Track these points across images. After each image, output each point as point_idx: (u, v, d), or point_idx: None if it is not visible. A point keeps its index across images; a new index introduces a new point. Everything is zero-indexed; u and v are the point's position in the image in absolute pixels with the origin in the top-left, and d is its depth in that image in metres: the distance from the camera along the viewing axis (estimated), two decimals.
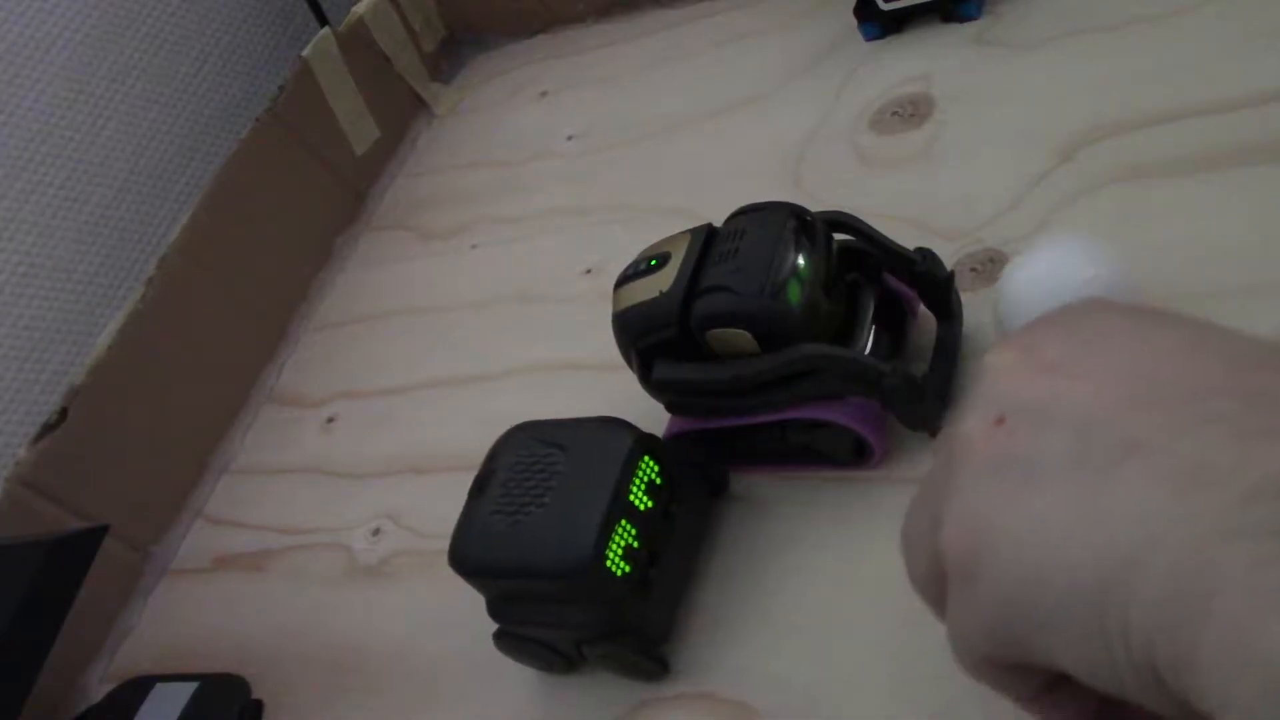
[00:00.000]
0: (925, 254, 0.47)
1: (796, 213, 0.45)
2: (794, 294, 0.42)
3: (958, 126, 0.58)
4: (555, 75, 0.83)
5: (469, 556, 0.44)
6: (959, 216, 0.53)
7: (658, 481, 0.43)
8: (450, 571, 0.45)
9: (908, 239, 0.54)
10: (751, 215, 0.45)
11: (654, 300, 0.45)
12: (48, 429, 0.61)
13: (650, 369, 0.46)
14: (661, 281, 0.45)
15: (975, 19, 0.63)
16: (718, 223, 0.47)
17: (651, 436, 0.44)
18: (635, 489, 0.42)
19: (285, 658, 0.55)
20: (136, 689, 0.55)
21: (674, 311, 0.44)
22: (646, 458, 0.43)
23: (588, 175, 0.72)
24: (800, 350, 0.42)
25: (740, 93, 0.70)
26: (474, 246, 0.73)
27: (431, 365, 0.67)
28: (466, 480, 0.58)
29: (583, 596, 0.41)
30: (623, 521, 0.41)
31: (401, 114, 0.87)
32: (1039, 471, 0.24)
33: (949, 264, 0.52)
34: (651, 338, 0.45)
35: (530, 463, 0.44)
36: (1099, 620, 0.23)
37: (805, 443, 0.47)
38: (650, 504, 0.42)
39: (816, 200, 0.59)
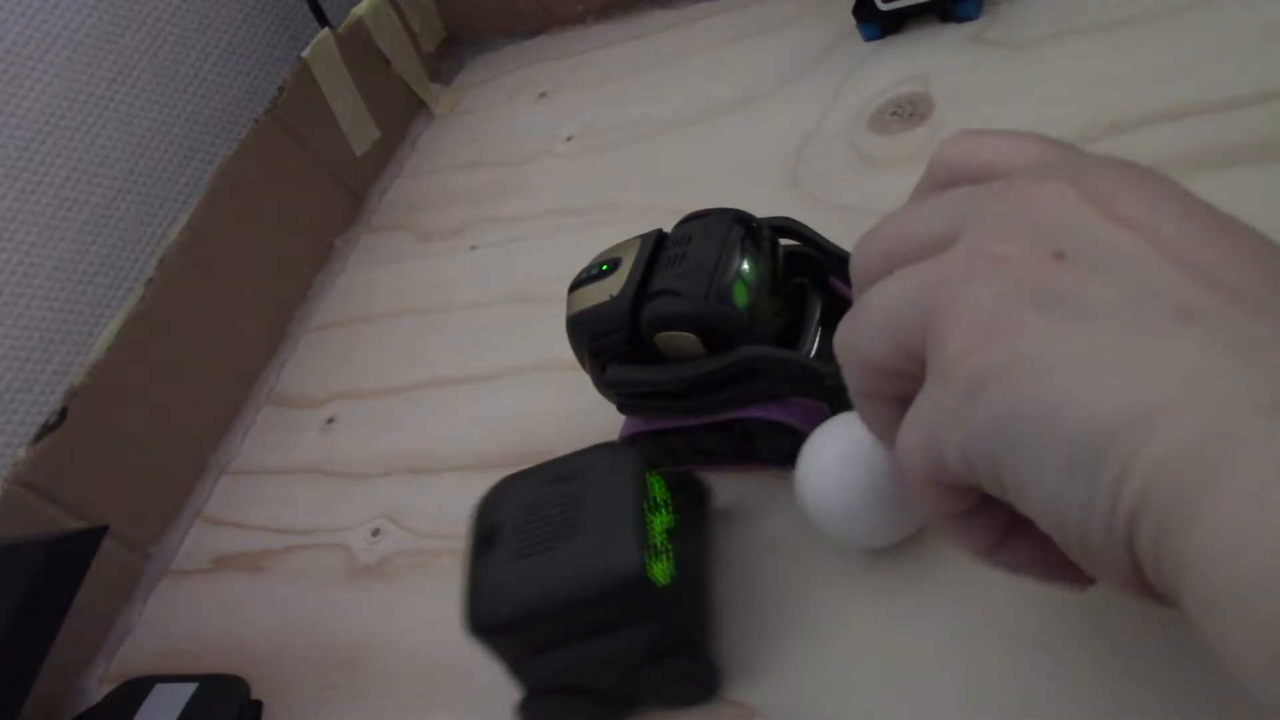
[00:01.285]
0: None
1: (742, 219, 0.46)
2: (739, 297, 0.43)
3: (956, 126, 0.58)
4: (554, 76, 0.83)
5: (495, 613, 0.41)
6: None
7: (666, 497, 0.43)
8: (451, 571, 0.45)
9: None
10: (698, 221, 0.47)
11: (605, 304, 0.46)
12: (47, 429, 0.61)
13: (603, 370, 0.47)
14: (612, 285, 0.46)
15: (974, 19, 0.63)
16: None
17: (649, 457, 0.44)
18: (653, 504, 0.42)
19: (285, 658, 0.55)
20: (136, 689, 0.55)
21: (624, 315, 0.45)
22: (653, 476, 0.43)
23: (587, 176, 0.72)
24: (743, 352, 0.44)
25: (739, 93, 0.70)
26: (473, 247, 0.73)
27: (431, 365, 0.67)
28: (466, 480, 0.59)
29: (635, 611, 0.40)
30: (651, 534, 0.41)
31: (401, 115, 0.87)
32: (1089, 312, 0.24)
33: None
34: (603, 340, 0.46)
35: (540, 504, 0.43)
36: (1094, 465, 0.22)
37: (753, 442, 0.48)
38: (668, 517, 0.42)
39: (816, 200, 0.60)
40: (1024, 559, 0.29)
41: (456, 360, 0.66)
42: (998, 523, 0.28)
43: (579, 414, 0.54)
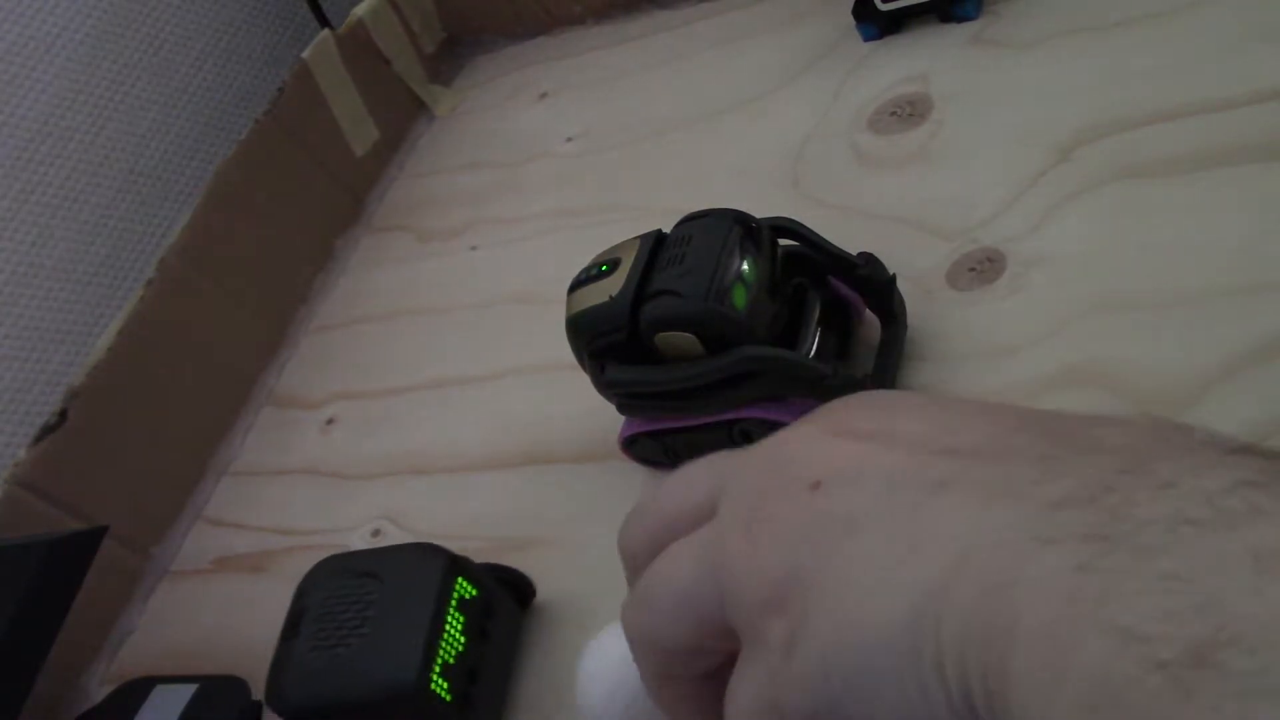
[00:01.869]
0: (868, 258, 0.48)
1: (742, 220, 0.46)
2: (739, 298, 0.44)
3: (956, 126, 0.58)
4: (554, 76, 0.83)
5: (288, 697, 0.43)
6: (957, 216, 0.53)
7: (471, 601, 0.44)
8: None
9: (905, 239, 0.54)
10: (698, 222, 0.47)
11: (604, 304, 0.46)
12: (47, 430, 0.61)
13: (603, 371, 0.47)
14: (611, 286, 0.46)
15: (973, 19, 0.63)
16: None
17: (463, 558, 0.45)
18: (452, 611, 0.43)
19: None
20: (136, 690, 0.55)
21: (624, 315, 0.45)
22: (460, 579, 0.44)
23: (587, 176, 0.72)
24: (743, 352, 0.44)
25: (739, 93, 0.70)
26: (474, 248, 0.73)
27: (431, 366, 0.67)
28: (467, 481, 0.59)
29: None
30: (443, 642, 0.42)
31: (401, 115, 0.87)
32: (854, 525, 0.24)
33: (947, 263, 0.52)
34: (602, 340, 0.47)
35: (343, 595, 0.44)
36: (915, 656, 0.21)
37: (752, 443, 0.47)
38: (465, 623, 0.43)
39: (816, 200, 0.60)
40: None
41: (457, 361, 0.66)
42: None
43: (579, 414, 0.54)
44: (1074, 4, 0.60)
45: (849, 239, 0.49)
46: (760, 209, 0.48)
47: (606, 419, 0.51)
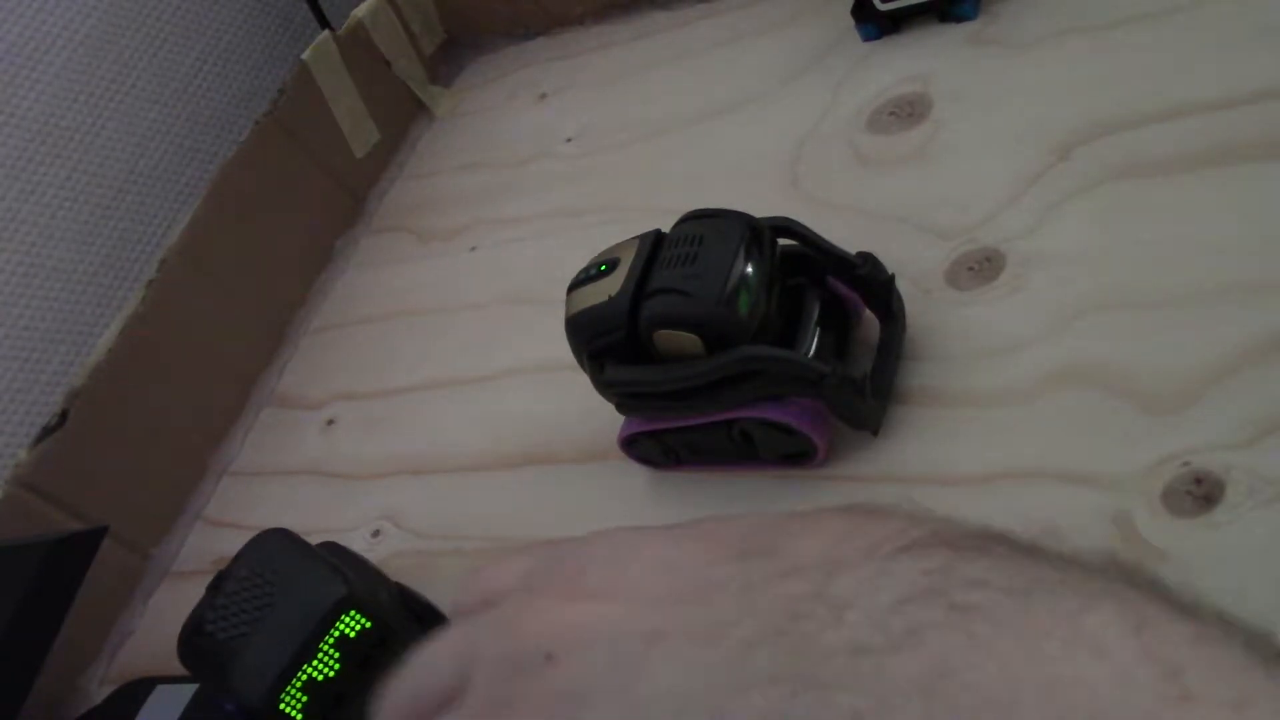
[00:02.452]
0: (866, 258, 0.48)
1: (750, 223, 0.46)
2: (744, 301, 0.44)
3: (954, 126, 0.58)
4: (554, 77, 0.83)
5: (186, 647, 0.47)
6: (956, 215, 0.54)
7: (358, 635, 0.44)
8: (449, 572, 0.45)
9: (904, 238, 0.54)
10: (707, 221, 0.47)
11: (604, 304, 0.46)
12: (47, 431, 0.61)
13: (602, 370, 0.47)
14: (610, 286, 0.46)
15: (972, 19, 0.63)
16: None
17: (366, 587, 0.46)
18: (327, 644, 0.44)
19: None
20: (136, 691, 0.55)
21: (623, 314, 0.45)
22: (352, 613, 0.44)
23: (586, 177, 0.72)
24: (742, 352, 0.44)
25: (738, 94, 0.70)
26: (473, 248, 0.73)
27: (431, 367, 0.67)
28: (467, 481, 0.59)
29: None
30: (311, 666, 0.43)
31: (401, 116, 0.87)
32: (586, 700, 0.24)
33: (946, 263, 0.52)
34: (601, 340, 0.47)
35: (259, 581, 0.46)
36: None
37: (751, 442, 0.48)
38: (341, 654, 0.44)
39: (815, 200, 0.60)
40: None
41: (457, 361, 0.66)
42: None
43: (579, 414, 0.54)
44: (1072, 4, 0.60)
45: (848, 239, 0.49)
46: (760, 209, 0.48)
47: (606, 419, 0.51)
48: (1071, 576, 0.21)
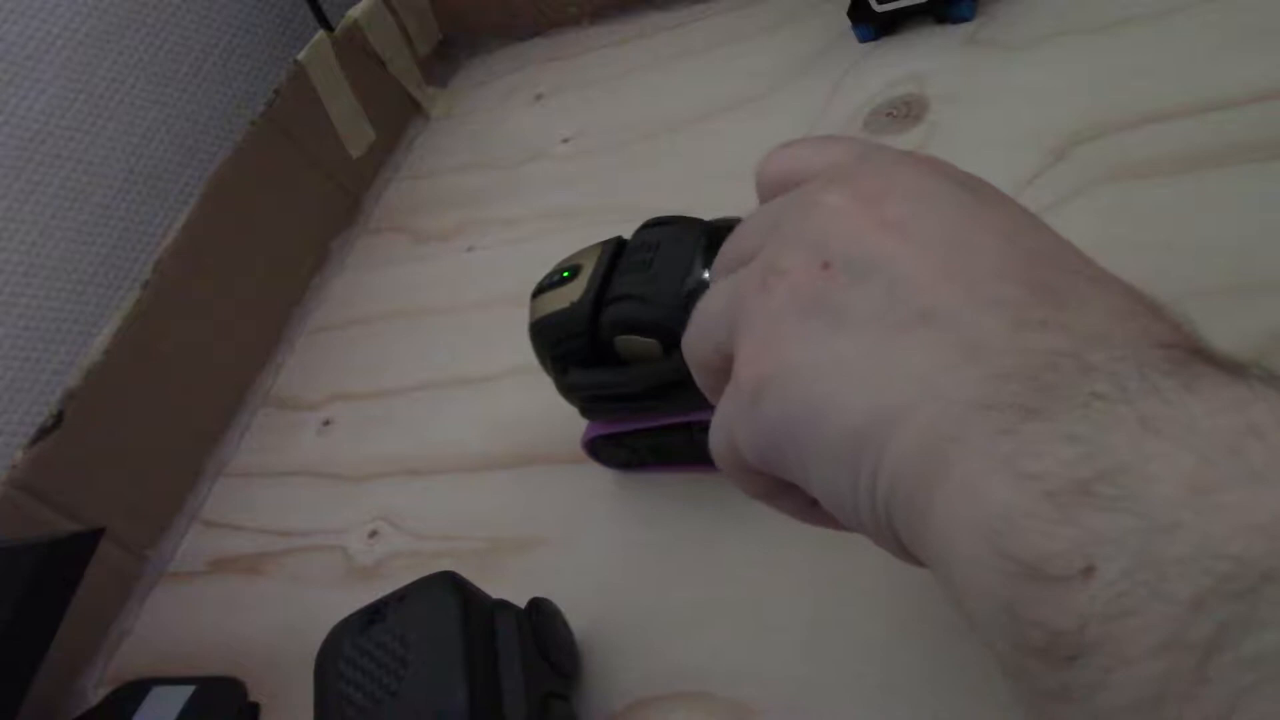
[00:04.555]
0: None
1: (706, 228, 0.47)
2: None
3: (951, 127, 0.58)
4: (550, 78, 0.83)
5: (319, 662, 0.41)
6: None
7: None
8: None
9: None
10: (664, 229, 0.48)
11: (566, 309, 0.47)
12: (44, 432, 0.61)
13: (565, 374, 0.48)
14: (572, 292, 0.47)
15: (968, 20, 0.63)
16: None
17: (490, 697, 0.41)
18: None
19: (282, 660, 0.55)
20: (133, 692, 0.55)
21: (584, 320, 0.46)
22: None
23: (583, 177, 0.72)
24: None
25: (734, 95, 0.70)
26: (470, 249, 0.73)
27: (428, 367, 0.67)
28: (464, 482, 0.59)
29: None
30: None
31: (397, 117, 0.87)
32: (845, 320, 0.27)
33: None
34: (564, 346, 0.48)
35: (394, 649, 0.41)
36: (855, 460, 0.26)
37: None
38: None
39: None
40: (833, 523, 0.32)
41: (454, 362, 0.66)
42: (804, 497, 0.32)
43: (576, 415, 0.54)
44: (1069, 5, 0.60)
45: None
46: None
47: None
48: None
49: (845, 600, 0.43)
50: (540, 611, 0.45)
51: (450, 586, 0.42)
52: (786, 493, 0.32)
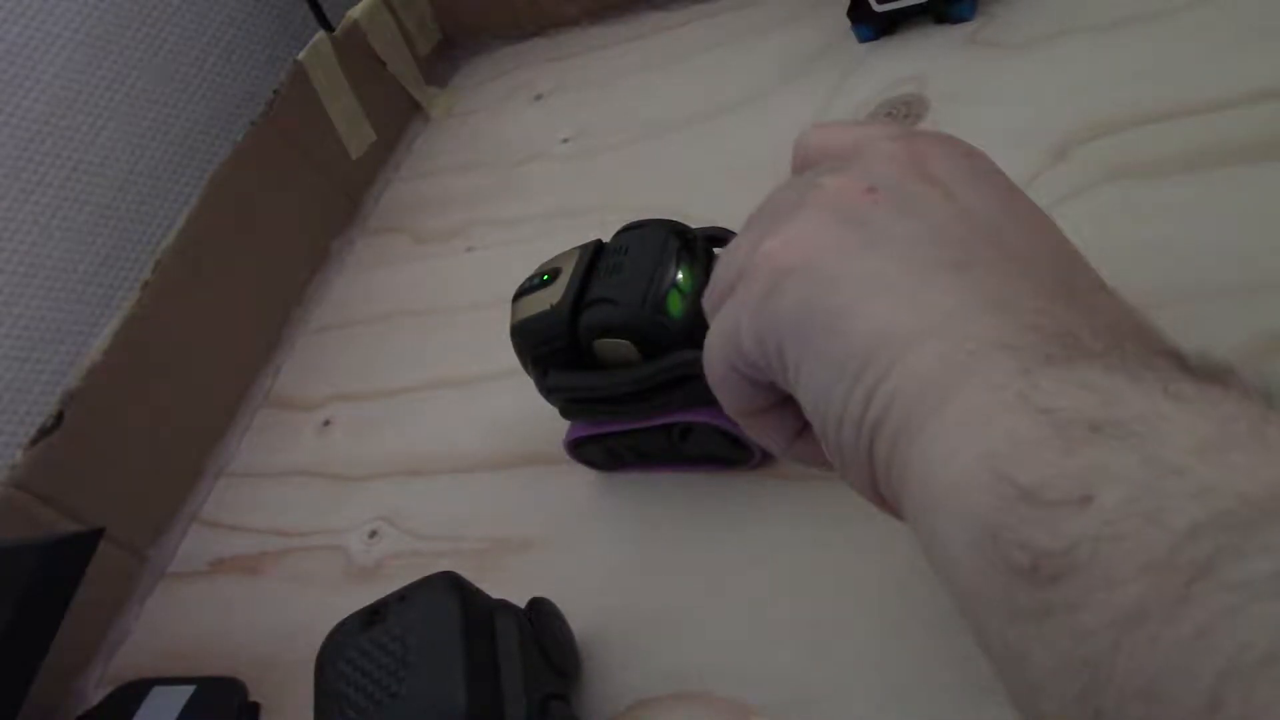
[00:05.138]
0: None
1: (678, 230, 0.48)
2: (674, 306, 0.45)
3: (951, 127, 0.58)
4: (550, 78, 0.83)
5: (320, 661, 0.41)
6: None
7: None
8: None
9: None
10: (635, 232, 0.48)
11: (545, 312, 0.48)
12: (43, 433, 0.61)
13: (545, 376, 0.49)
14: (552, 295, 0.48)
15: (968, 20, 0.63)
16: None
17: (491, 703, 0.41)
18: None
19: (282, 660, 0.55)
20: (133, 692, 0.55)
21: (563, 322, 0.47)
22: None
23: (583, 177, 0.72)
24: (676, 357, 0.45)
25: (734, 95, 0.70)
26: (470, 249, 0.73)
27: (428, 367, 0.67)
28: (464, 482, 0.59)
29: None
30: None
31: (397, 117, 0.87)
32: (884, 239, 0.28)
33: None
34: (545, 348, 0.48)
35: (394, 651, 0.41)
36: (859, 370, 0.26)
37: (689, 444, 0.49)
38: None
39: None
40: (813, 455, 0.33)
41: (453, 362, 0.66)
42: (789, 424, 0.33)
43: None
44: (1069, 5, 0.60)
45: None
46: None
47: None
48: None
49: (845, 600, 0.43)
50: (540, 612, 0.45)
51: (450, 587, 0.42)
52: (774, 413, 0.33)
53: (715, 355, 0.33)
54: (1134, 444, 0.20)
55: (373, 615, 0.42)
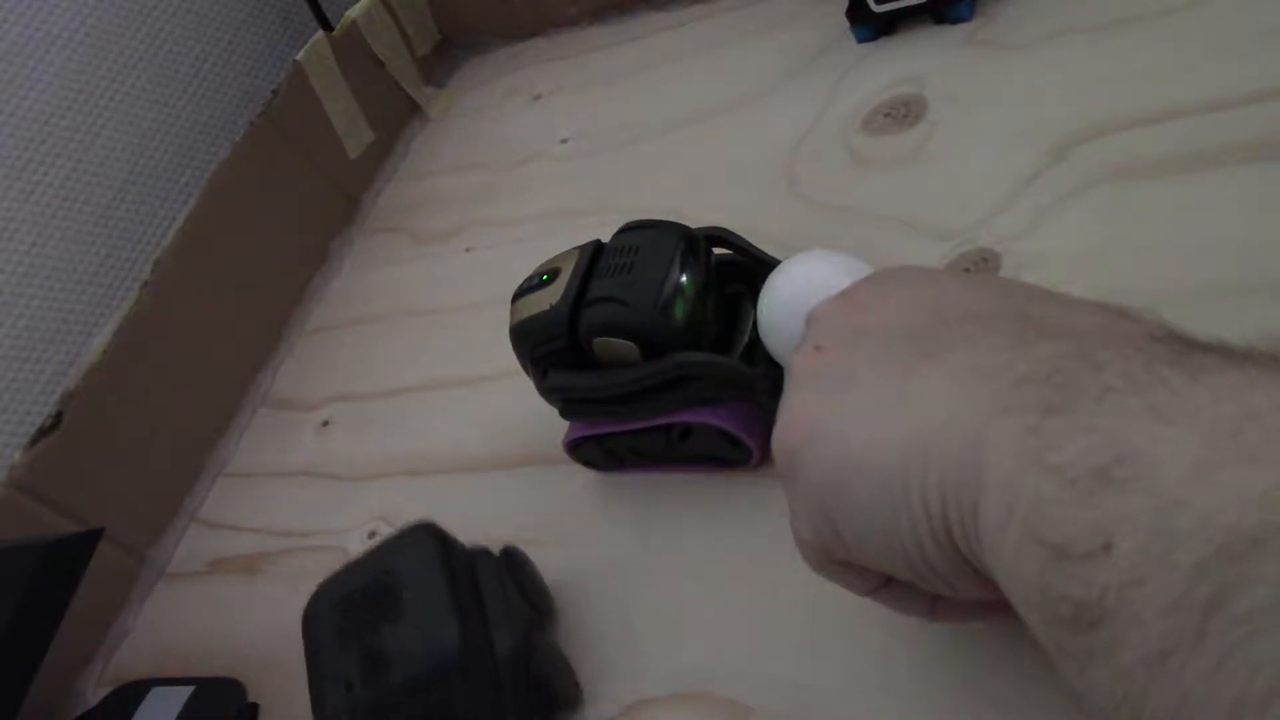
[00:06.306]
0: None
1: (685, 233, 0.48)
2: (679, 310, 0.45)
3: (950, 127, 0.58)
4: (549, 78, 0.83)
5: (310, 612, 0.44)
6: (952, 217, 0.54)
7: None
8: None
9: (901, 239, 0.54)
10: (644, 232, 0.48)
11: (545, 312, 0.48)
12: (43, 433, 0.61)
13: (545, 376, 0.49)
14: (552, 295, 0.48)
15: (967, 20, 0.63)
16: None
17: (481, 642, 0.44)
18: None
19: (281, 661, 0.55)
20: (132, 692, 0.55)
21: (563, 322, 0.47)
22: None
23: (581, 178, 0.72)
24: (677, 358, 0.45)
25: (733, 95, 0.70)
26: (468, 249, 0.73)
27: (426, 367, 0.67)
28: (463, 482, 0.59)
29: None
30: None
31: (395, 117, 0.87)
32: (852, 375, 0.30)
33: (943, 263, 0.52)
34: (544, 348, 0.48)
35: (380, 588, 0.44)
36: (904, 495, 0.27)
37: (689, 444, 0.49)
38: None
39: (812, 201, 0.60)
40: (960, 612, 0.35)
41: (452, 362, 0.66)
42: (921, 591, 0.33)
43: None
44: (1068, 5, 0.60)
45: (844, 240, 0.49)
46: (755, 210, 0.48)
47: None
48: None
49: (844, 601, 0.42)
50: (514, 558, 0.48)
51: (429, 533, 0.45)
52: (903, 586, 0.33)
53: (806, 557, 0.34)
54: (1138, 484, 0.22)
55: (356, 565, 0.44)
